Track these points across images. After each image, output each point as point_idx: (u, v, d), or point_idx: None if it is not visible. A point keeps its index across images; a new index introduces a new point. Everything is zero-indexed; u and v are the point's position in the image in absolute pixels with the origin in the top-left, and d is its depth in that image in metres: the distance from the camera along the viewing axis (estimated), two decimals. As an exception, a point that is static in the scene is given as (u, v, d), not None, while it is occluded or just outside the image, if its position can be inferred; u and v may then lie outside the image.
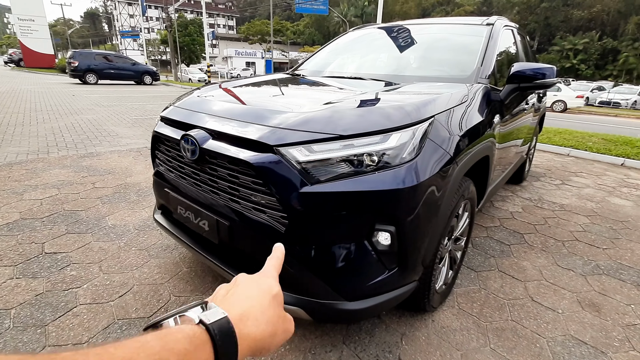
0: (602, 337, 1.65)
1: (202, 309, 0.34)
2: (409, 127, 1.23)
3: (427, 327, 1.65)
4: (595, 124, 11.60)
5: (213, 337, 0.30)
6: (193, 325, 0.31)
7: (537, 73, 2.00)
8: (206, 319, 0.32)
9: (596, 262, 2.30)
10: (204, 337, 0.30)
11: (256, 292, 0.39)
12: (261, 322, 0.36)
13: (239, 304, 0.37)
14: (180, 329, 0.31)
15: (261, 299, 0.39)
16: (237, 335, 0.32)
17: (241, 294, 0.39)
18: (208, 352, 0.29)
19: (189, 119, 1.50)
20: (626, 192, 3.79)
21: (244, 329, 0.34)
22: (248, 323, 0.35)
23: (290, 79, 2.24)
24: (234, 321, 0.33)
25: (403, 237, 1.20)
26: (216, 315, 0.33)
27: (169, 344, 0.27)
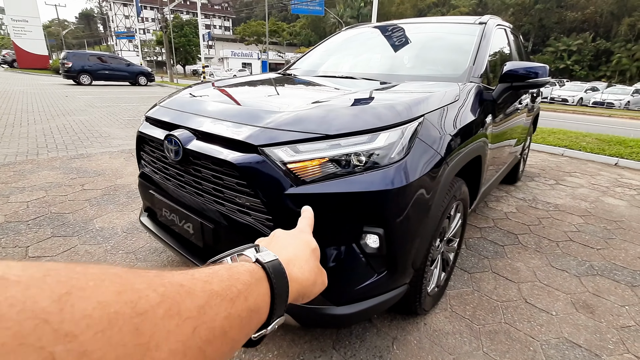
0: (597, 339, 1.62)
1: (255, 250, 0.37)
2: (397, 127, 1.20)
3: (419, 330, 1.62)
4: (589, 124, 11.66)
5: (269, 274, 0.33)
6: (251, 263, 0.34)
7: (530, 72, 1.98)
8: (262, 258, 0.35)
9: (590, 263, 2.28)
10: (261, 273, 0.33)
11: (298, 243, 0.43)
12: (305, 270, 0.39)
13: (285, 251, 0.40)
14: (242, 263, 0.33)
15: (303, 250, 0.42)
16: (288, 276, 0.35)
17: (285, 244, 0.43)
18: (265, 287, 0.32)
19: (174, 118, 1.46)
20: (620, 192, 3.79)
21: (292, 272, 0.37)
22: (294, 268, 0.38)
23: (281, 79, 2.20)
24: (283, 263, 0.36)
25: (392, 240, 1.17)
26: (268, 256, 0.35)
27: (235, 274, 0.30)
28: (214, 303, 0.24)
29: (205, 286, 0.25)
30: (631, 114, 17.34)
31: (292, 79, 2.24)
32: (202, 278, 0.26)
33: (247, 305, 0.28)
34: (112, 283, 0.19)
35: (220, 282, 0.27)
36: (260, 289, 0.31)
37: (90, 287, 0.17)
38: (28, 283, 0.15)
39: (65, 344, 0.15)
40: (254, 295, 0.30)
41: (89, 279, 0.18)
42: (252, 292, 0.30)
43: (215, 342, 0.23)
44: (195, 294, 0.23)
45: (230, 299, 0.26)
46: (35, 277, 0.16)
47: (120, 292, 0.18)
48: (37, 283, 0.16)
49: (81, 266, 0.19)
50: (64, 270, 0.17)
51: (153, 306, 0.19)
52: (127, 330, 0.17)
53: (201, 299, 0.23)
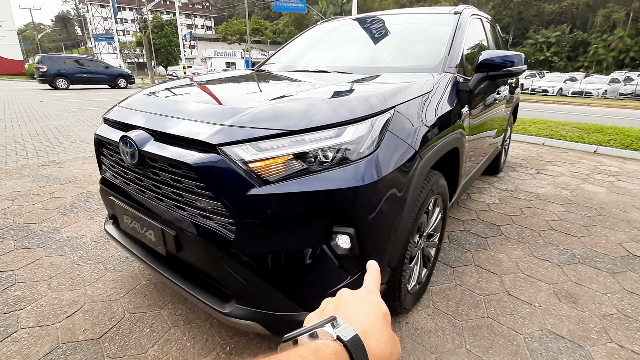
0: (580, 329, 1.60)
1: (332, 325, 0.35)
2: (366, 119, 1.14)
3: (401, 330, 1.56)
4: (569, 113, 11.89)
5: (351, 354, 0.32)
6: (333, 341, 0.33)
7: (506, 61, 1.95)
8: (343, 335, 0.33)
9: (572, 251, 2.28)
10: (344, 354, 0.32)
11: (369, 309, 0.39)
12: (381, 342, 0.37)
13: (358, 321, 0.37)
14: (326, 344, 0.32)
15: (375, 317, 0.39)
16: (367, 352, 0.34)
17: (357, 311, 0.39)
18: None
19: (131, 119, 1.37)
20: (599, 179, 3.83)
21: (369, 346, 0.35)
22: (371, 341, 0.36)
23: (252, 75, 2.12)
24: (360, 337, 0.34)
25: (364, 239, 1.11)
26: (349, 332, 0.34)
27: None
28: None
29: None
30: (608, 102, 17.79)
31: (263, 74, 2.16)
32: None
33: None
34: None
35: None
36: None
37: None
38: None
39: None
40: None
41: None
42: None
43: None
44: None
45: None
46: None
47: None
48: None
49: None
50: None
51: None
52: None
53: None
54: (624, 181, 3.77)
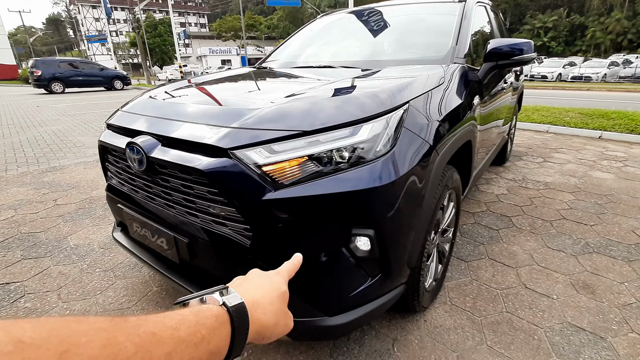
0: (600, 320, 1.58)
1: (221, 293, 0.39)
2: (381, 116, 1.09)
3: (420, 328, 1.54)
4: (570, 99, 11.80)
5: (232, 318, 0.36)
6: (217, 306, 0.37)
7: (514, 49, 1.90)
8: (228, 302, 0.37)
9: (585, 240, 2.25)
10: (225, 317, 0.36)
11: (267, 285, 0.45)
12: (268, 312, 0.41)
13: (252, 293, 0.42)
14: (209, 307, 0.36)
15: (270, 293, 0.44)
16: (249, 318, 0.38)
17: (254, 285, 0.45)
18: (227, 330, 0.35)
19: (136, 124, 1.32)
20: (607, 165, 3.79)
21: (254, 314, 0.39)
22: (258, 310, 0.40)
23: (254, 73, 2.07)
24: (248, 306, 0.38)
25: (384, 240, 1.07)
26: (235, 299, 0.38)
27: (201, 320, 0.32)
28: (180, 349, 0.28)
29: (174, 333, 0.28)
30: (609, 86, 17.66)
31: (267, 72, 2.11)
32: (172, 325, 0.29)
33: (209, 348, 0.31)
34: (99, 338, 0.23)
35: (187, 328, 0.30)
36: (222, 331, 0.34)
37: (82, 344, 0.22)
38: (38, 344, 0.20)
39: None
40: (216, 339, 0.33)
41: (82, 336, 0.22)
42: (215, 335, 0.33)
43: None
44: (164, 341, 0.27)
45: (194, 344, 0.29)
46: (42, 338, 0.20)
47: (105, 345, 0.23)
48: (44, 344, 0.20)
49: (75, 322, 0.23)
50: (63, 329, 0.22)
51: (130, 356, 0.23)
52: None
53: (169, 346, 0.27)
54: (632, 166, 3.73)
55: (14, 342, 0.19)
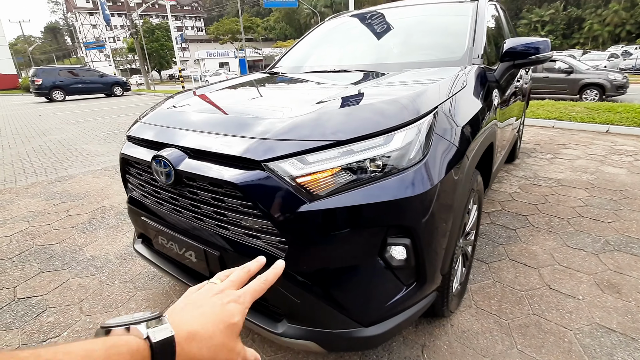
0: (629, 321, 1.56)
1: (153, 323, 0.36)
2: (413, 123, 1.08)
3: (448, 334, 1.53)
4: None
5: (154, 353, 0.33)
6: (139, 339, 0.33)
7: (531, 48, 1.88)
8: (153, 336, 0.34)
9: (605, 238, 2.23)
10: (146, 352, 0.33)
11: (214, 316, 0.40)
12: (204, 347, 0.38)
13: (191, 322, 0.38)
14: (126, 341, 0.33)
15: (215, 324, 0.39)
16: (177, 354, 0.35)
17: (199, 312, 0.40)
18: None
19: (160, 136, 1.31)
20: (617, 160, 3.77)
21: (186, 348, 0.36)
22: (192, 344, 0.37)
23: (269, 79, 2.06)
24: (179, 339, 0.36)
25: (420, 249, 1.06)
26: (163, 333, 0.35)
27: (112, 355, 0.30)
28: None
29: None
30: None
31: (282, 77, 2.09)
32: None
33: None
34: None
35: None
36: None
37: None
38: None
39: None
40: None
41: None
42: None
43: None
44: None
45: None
46: None
47: None
48: None
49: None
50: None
51: None
52: None
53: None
54: (643, 160, 3.71)
55: None
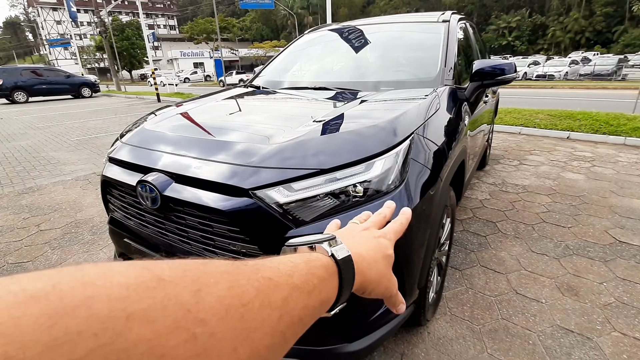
0: (585, 321, 1.72)
1: (329, 244, 0.39)
2: (391, 150, 1.16)
3: (425, 341, 1.62)
4: (536, 97, 12.45)
5: (340, 270, 0.37)
6: (326, 257, 0.37)
7: (496, 69, 2.03)
8: (337, 254, 0.38)
9: (565, 243, 2.42)
10: (334, 269, 0.36)
11: (372, 246, 0.45)
12: (372, 269, 0.42)
13: (356, 247, 0.42)
14: (318, 257, 0.36)
15: (375, 252, 0.44)
16: (355, 271, 0.39)
17: (356, 240, 0.45)
18: (335, 281, 0.36)
19: (144, 159, 1.32)
20: (577, 166, 4.06)
21: (359, 267, 0.39)
22: (363, 264, 0.41)
23: (252, 96, 2.09)
24: (354, 258, 0.39)
25: (398, 267, 1.14)
26: (343, 252, 0.38)
27: (312, 269, 0.33)
28: (295, 295, 0.29)
29: (289, 280, 0.30)
30: (570, 84, 18.74)
31: (264, 95, 2.13)
32: (286, 272, 0.30)
33: (320, 297, 0.33)
34: (224, 280, 0.24)
35: (300, 276, 0.31)
36: (331, 283, 0.35)
37: (212, 284, 0.23)
38: (176, 282, 0.21)
39: (201, 327, 0.20)
40: (327, 289, 0.34)
41: (210, 277, 0.24)
42: (325, 286, 0.34)
43: (293, 327, 0.28)
44: (281, 287, 0.28)
45: (307, 292, 0.31)
46: (178, 277, 0.22)
47: (230, 287, 0.24)
48: (181, 282, 0.21)
49: (203, 265, 0.25)
50: (194, 270, 0.23)
51: (252, 299, 0.25)
52: (236, 317, 0.23)
53: (285, 292, 0.28)
54: (599, 166, 4.02)
55: (156, 279, 0.20)
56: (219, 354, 0.21)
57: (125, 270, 0.20)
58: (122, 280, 0.19)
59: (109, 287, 0.18)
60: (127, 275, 0.20)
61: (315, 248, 0.38)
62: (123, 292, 0.19)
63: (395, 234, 0.51)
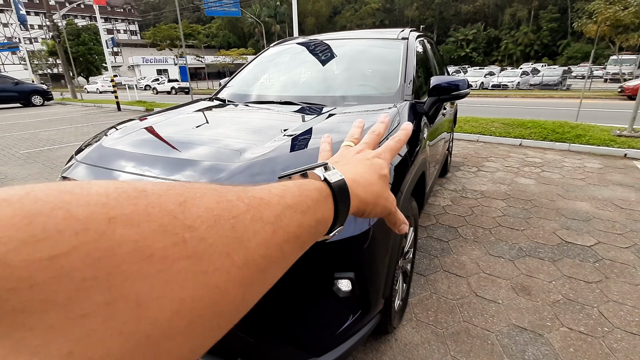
0: (537, 319, 1.85)
1: (324, 169, 0.39)
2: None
3: (392, 348, 1.67)
4: (492, 106, 13.28)
5: (334, 192, 0.37)
6: (319, 181, 0.37)
7: (452, 85, 2.16)
8: (330, 178, 0.38)
9: (519, 245, 2.60)
10: (327, 192, 0.37)
11: (367, 167, 0.45)
12: (367, 191, 0.42)
13: (349, 171, 0.42)
14: (310, 181, 0.36)
15: (370, 174, 0.44)
16: (350, 194, 0.39)
17: (350, 164, 0.45)
18: (330, 203, 0.36)
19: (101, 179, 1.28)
20: (528, 171, 4.38)
21: (355, 190, 0.40)
22: (358, 187, 0.41)
23: (218, 109, 2.07)
24: (348, 182, 0.39)
25: (363, 280, 1.18)
26: (336, 176, 0.39)
27: (305, 191, 0.33)
28: (288, 213, 0.29)
29: (281, 200, 0.30)
30: (522, 93, 20.17)
31: (230, 110, 2.12)
32: (278, 193, 0.30)
33: (316, 217, 0.33)
34: (212, 195, 0.24)
35: (292, 197, 0.31)
36: (326, 204, 0.36)
37: (198, 197, 0.23)
38: (160, 193, 0.21)
39: (190, 232, 0.20)
40: (321, 210, 0.35)
41: (197, 192, 0.23)
42: (320, 207, 0.34)
43: (289, 243, 0.29)
44: (272, 205, 0.28)
45: (301, 211, 0.31)
46: (162, 190, 0.21)
47: (219, 201, 0.24)
48: (165, 193, 0.21)
49: (189, 184, 0.24)
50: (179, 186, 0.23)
51: (242, 212, 0.25)
52: (227, 227, 0.23)
53: (277, 210, 0.28)
54: (548, 171, 4.36)
55: (138, 190, 0.20)
56: (210, 258, 0.21)
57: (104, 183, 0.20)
58: (100, 190, 0.19)
59: (87, 195, 0.18)
60: (106, 186, 0.19)
61: (308, 175, 0.39)
62: (102, 199, 0.18)
63: (391, 151, 0.50)
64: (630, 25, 14.34)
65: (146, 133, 1.61)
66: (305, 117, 1.75)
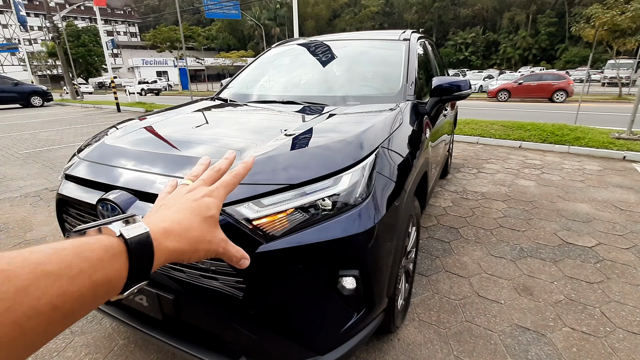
0: (539, 319, 1.85)
1: (126, 222, 0.37)
2: (358, 164, 1.20)
3: (395, 348, 1.66)
4: (492, 109, 13.31)
5: (130, 249, 0.34)
6: (112, 237, 0.35)
7: (454, 85, 2.16)
8: (126, 233, 0.35)
9: (520, 246, 2.59)
10: (120, 248, 0.34)
11: (189, 210, 0.43)
12: (183, 239, 0.40)
13: (166, 219, 0.40)
14: (98, 239, 0.34)
15: (191, 218, 0.42)
16: (155, 248, 0.36)
17: (173, 210, 0.43)
18: (122, 261, 0.34)
19: (104, 176, 1.27)
20: (528, 173, 4.38)
21: (164, 243, 0.37)
22: (170, 238, 0.38)
23: (219, 109, 2.07)
24: (155, 235, 0.37)
25: (367, 278, 1.17)
26: (137, 230, 0.36)
27: (83, 253, 0.31)
28: (43, 283, 0.27)
29: (37, 267, 0.27)
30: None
31: (231, 108, 2.12)
32: (37, 260, 0.28)
33: (92, 280, 0.31)
34: None
35: (58, 262, 0.29)
36: (114, 263, 0.33)
37: None
38: None
39: None
40: (105, 270, 0.32)
41: None
42: (104, 267, 0.32)
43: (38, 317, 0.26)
44: (17, 277, 0.26)
45: (68, 277, 0.29)
46: None
47: None
48: None
49: None
50: None
51: None
52: None
53: (24, 281, 0.26)
54: (547, 173, 4.37)
55: None
56: None
57: None
58: None
59: None
60: None
61: (102, 231, 0.36)
62: None
63: (226, 187, 0.49)
64: (627, 30, 14.42)
65: (146, 132, 1.61)
66: (306, 117, 1.75)
